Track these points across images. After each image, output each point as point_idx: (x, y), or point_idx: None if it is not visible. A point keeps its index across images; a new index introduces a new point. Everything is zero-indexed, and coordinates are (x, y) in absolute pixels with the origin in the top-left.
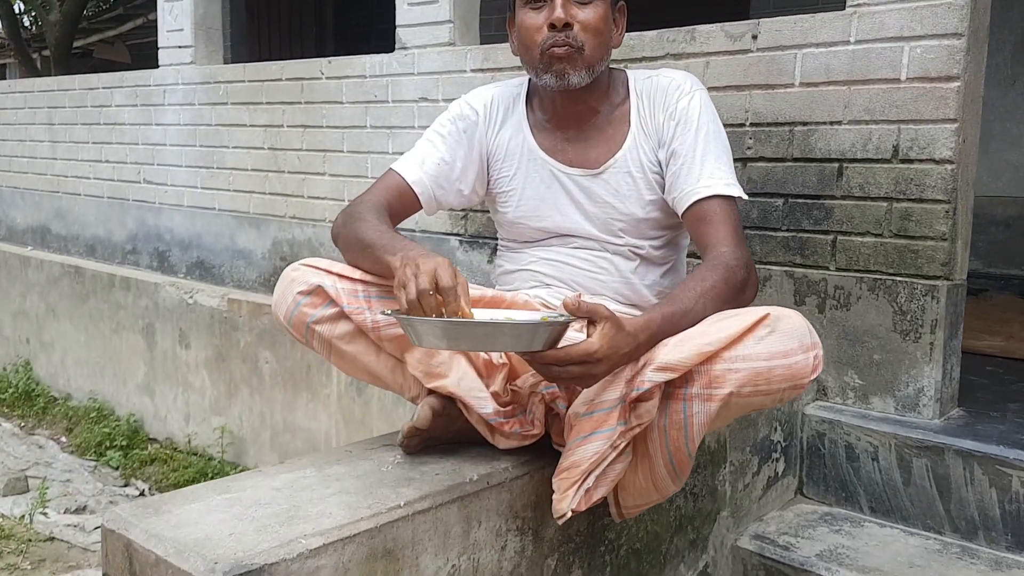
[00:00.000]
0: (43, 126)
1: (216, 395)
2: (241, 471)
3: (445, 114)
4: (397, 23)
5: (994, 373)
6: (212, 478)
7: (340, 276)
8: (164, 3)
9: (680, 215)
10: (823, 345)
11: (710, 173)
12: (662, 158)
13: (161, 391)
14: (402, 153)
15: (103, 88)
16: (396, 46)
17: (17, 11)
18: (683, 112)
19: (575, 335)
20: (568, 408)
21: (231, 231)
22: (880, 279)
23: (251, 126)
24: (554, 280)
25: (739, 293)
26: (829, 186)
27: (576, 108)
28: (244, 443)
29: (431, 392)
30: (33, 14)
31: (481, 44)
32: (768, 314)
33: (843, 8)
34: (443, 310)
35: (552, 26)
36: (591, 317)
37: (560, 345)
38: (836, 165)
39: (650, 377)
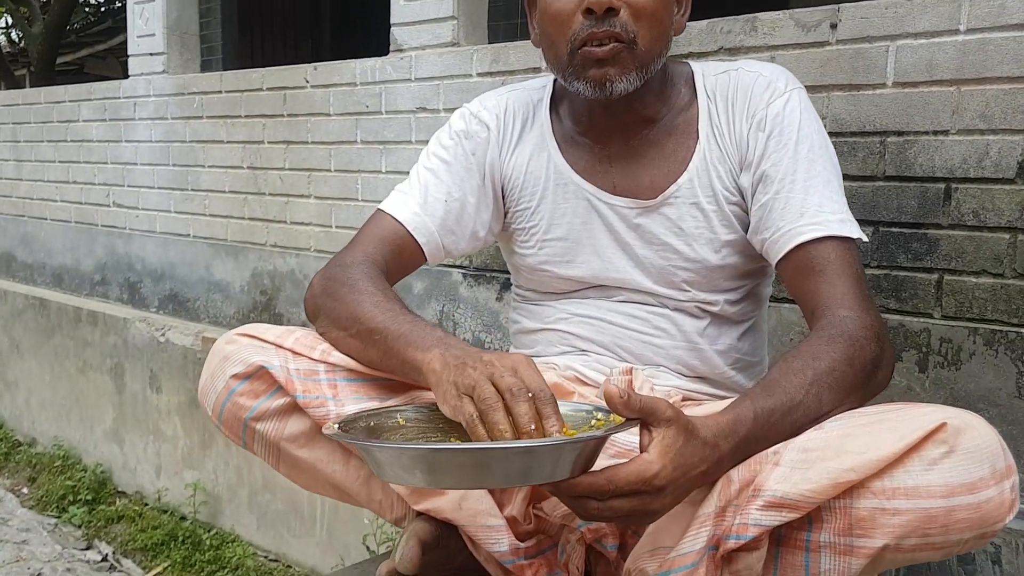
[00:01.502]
0: (7, 144)
1: (189, 445)
2: (215, 535)
3: (445, 130)
4: (392, 21)
5: None
6: (183, 543)
7: (293, 352)
8: (134, 5)
9: (774, 263)
10: None
11: (817, 206)
12: (746, 184)
13: (130, 439)
14: (397, 173)
15: (70, 101)
16: (391, 48)
17: (3, 26)
18: (776, 120)
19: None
20: (620, 548)
21: (207, 261)
22: (1000, 331)
23: (228, 142)
24: (591, 344)
25: (869, 378)
26: (933, 212)
27: (622, 118)
28: (219, 502)
29: (421, 514)
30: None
31: (490, 43)
32: (944, 424)
33: None
34: (531, 426)
35: (589, 11)
36: (646, 419)
37: (599, 463)
38: (942, 186)
39: (756, 519)
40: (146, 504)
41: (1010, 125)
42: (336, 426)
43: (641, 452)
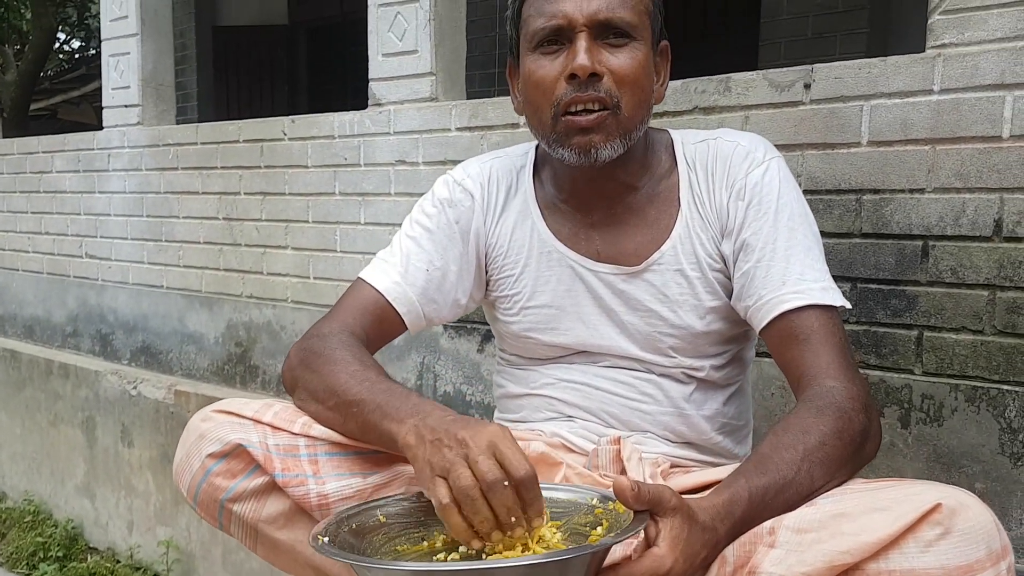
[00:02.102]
0: None
1: (162, 501)
2: None
3: (428, 198)
4: (370, 76)
5: None
6: None
7: (272, 427)
8: (109, 57)
9: (758, 331)
10: (907, 469)
11: (799, 274)
12: (727, 251)
13: (102, 494)
14: (376, 225)
15: (43, 152)
16: (369, 102)
17: None
18: (756, 189)
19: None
20: None
21: (180, 312)
22: (982, 387)
23: (204, 193)
24: (578, 410)
25: (857, 450)
26: (911, 269)
27: (605, 186)
28: (193, 559)
29: None
30: None
31: (468, 99)
32: (939, 504)
33: (922, 50)
34: (512, 518)
35: (573, 76)
36: (653, 509)
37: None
38: (920, 243)
39: None
40: (118, 561)
41: (986, 184)
42: (324, 538)
43: (650, 545)
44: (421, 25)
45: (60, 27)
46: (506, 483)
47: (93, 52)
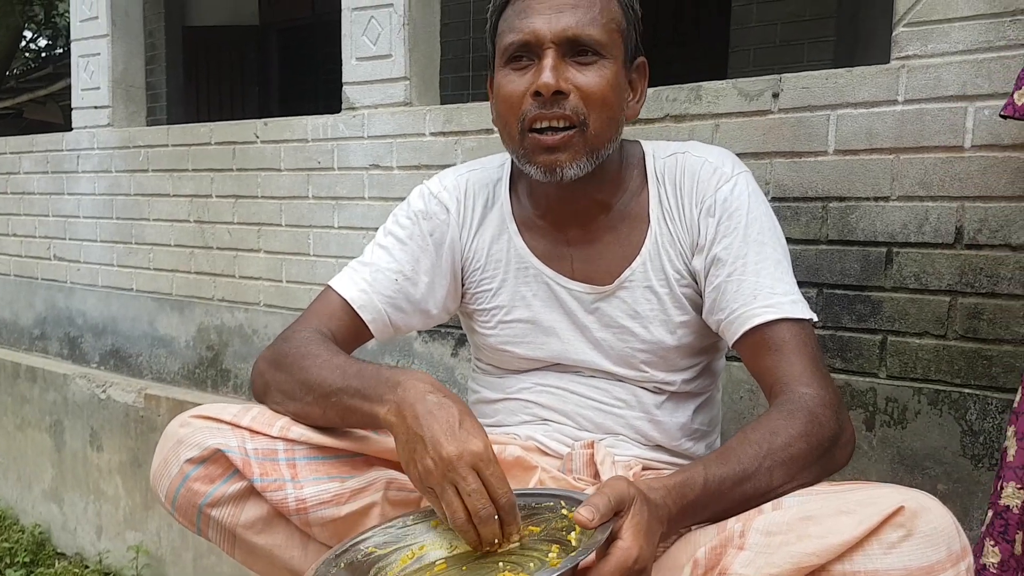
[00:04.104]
0: None
1: (131, 506)
2: None
3: (404, 209)
4: (344, 80)
5: None
6: None
7: (251, 431)
8: (79, 58)
9: (730, 344)
10: (872, 471)
11: (769, 288)
12: (698, 267)
13: (70, 499)
14: (350, 229)
15: (11, 153)
16: (343, 106)
17: None
18: (725, 205)
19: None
20: None
21: (150, 315)
22: (944, 391)
23: (175, 196)
24: (553, 413)
25: (825, 454)
26: (876, 275)
27: (579, 204)
28: (163, 564)
29: None
30: None
31: (442, 104)
32: (902, 507)
33: (887, 61)
34: (495, 541)
35: (538, 94)
36: (619, 509)
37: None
38: (884, 250)
39: None
40: (87, 567)
41: (948, 192)
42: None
43: (615, 538)
44: (395, 29)
45: (26, 25)
46: (495, 516)
47: (60, 51)
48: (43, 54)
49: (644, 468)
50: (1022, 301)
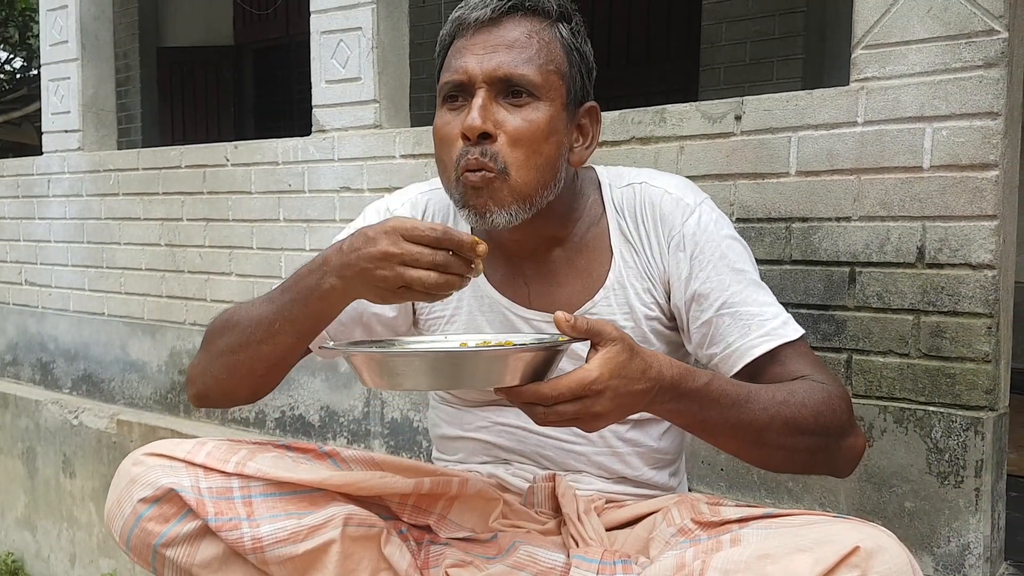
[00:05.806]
0: None
1: (105, 533)
2: None
3: (359, 222)
4: (314, 103)
5: None
6: None
7: (205, 468)
8: (49, 82)
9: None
10: (840, 489)
11: (760, 315)
12: (678, 304)
13: (43, 526)
14: (321, 251)
15: None
16: (313, 129)
17: None
18: (695, 238)
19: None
20: None
21: (122, 340)
22: (909, 409)
23: (146, 219)
24: (513, 455)
25: (834, 436)
26: (839, 294)
27: (529, 241)
28: None
29: None
30: None
31: (412, 127)
32: (858, 547)
33: (847, 83)
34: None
35: (465, 137)
36: (594, 340)
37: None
38: (847, 269)
39: None
40: None
41: (908, 212)
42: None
43: (585, 363)
44: (364, 52)
45: (1, 47)
46: (450, 252)
47: (35, 72)
48: (17, 75)
49: (608, 501)
50: (983, 319)
